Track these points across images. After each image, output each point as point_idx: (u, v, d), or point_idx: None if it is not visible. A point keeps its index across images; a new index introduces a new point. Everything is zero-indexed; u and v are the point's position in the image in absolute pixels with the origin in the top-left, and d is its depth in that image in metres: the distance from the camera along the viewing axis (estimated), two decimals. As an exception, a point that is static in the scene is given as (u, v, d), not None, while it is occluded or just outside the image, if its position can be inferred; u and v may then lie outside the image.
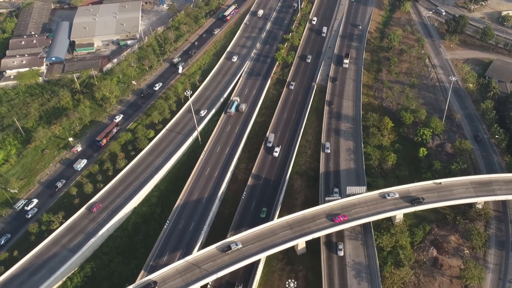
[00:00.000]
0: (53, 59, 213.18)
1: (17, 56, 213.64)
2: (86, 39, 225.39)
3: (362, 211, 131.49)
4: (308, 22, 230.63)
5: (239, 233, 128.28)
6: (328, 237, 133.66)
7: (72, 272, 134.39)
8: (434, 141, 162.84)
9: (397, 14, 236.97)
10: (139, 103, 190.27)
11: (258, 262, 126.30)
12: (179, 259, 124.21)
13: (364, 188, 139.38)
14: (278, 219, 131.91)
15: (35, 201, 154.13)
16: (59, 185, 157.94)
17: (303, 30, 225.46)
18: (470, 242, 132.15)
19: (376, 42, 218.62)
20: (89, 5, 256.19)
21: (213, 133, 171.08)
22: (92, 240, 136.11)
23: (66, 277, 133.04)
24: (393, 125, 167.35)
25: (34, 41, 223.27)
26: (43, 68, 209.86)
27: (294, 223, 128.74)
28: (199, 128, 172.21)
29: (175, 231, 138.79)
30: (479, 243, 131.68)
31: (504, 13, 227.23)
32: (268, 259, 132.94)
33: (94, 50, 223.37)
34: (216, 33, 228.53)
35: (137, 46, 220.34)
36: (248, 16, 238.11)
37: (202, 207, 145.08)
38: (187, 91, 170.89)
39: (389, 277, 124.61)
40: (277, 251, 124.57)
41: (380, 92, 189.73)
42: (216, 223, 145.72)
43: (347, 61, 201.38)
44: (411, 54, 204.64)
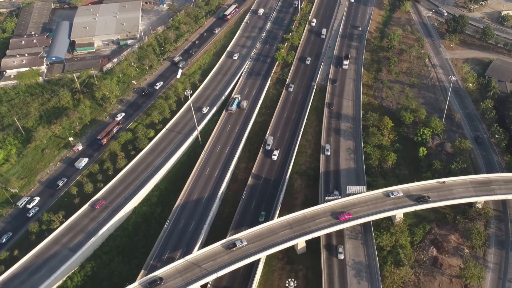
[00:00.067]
0: (53, 58, 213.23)
1: (17, 56, 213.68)
2: (86, 39, 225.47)
3: (363, 210, 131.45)
4: (307, 23, 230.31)
5: (238, 232, 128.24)
6: (328, 240, 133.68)
7: (73, 271, 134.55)
8: (434, 141, 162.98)
9: (397, 14, 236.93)
10: (139, 103, 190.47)
11: (258, 261, 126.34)
12: (179, 259, 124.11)
13: (364, 188, 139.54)
14: (278, 218, 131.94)
15: (37, 199, 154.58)
16: (60, 183, 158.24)
17: (303, 30, 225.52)
18: (470, 241, 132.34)
19: (376, 41, 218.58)
20: (89, 5, 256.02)
21: (213, 132, 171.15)
22: (93, 239, 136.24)
23: (66, 276, 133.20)
24: (393, 124, 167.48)
25: (34, 41, 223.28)
26: (43, 68, 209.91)
27: (294, 223, 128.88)
28: (199, 128, 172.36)
29: (175, 230, 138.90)
30: (479, 242, 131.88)
31: (504, 13, 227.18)
32: (268, 258, 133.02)
33: (94, 50, 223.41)
34: (216, 32, 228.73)
35: (137, 46, 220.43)
36: (249, 15, 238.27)
37: (202, 206, 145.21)
38: (187, 91, 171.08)
39: (389, 277, 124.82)
40: (277, 250, 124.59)
41: (380, 92, 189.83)
42: (216, 222, 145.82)
43: (346, 62, 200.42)
44: (411, 53, 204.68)
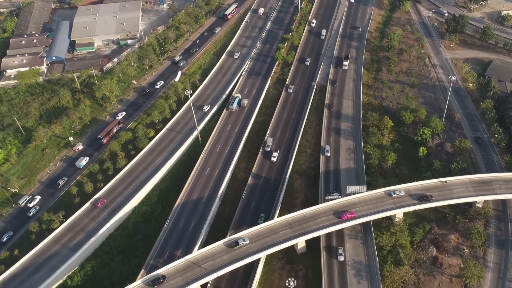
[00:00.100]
0: (54, 58, 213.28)
1: (18, 56, 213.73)
2: (87, 39, 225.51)
3: (364, 209, 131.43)
4: (307, 24, 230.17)
5: (238, 232, 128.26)
6: (328, 240, 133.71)
7: (73, 271, 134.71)
8: (434, 141, 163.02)
9: (397, 14, 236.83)
10: (139, 103, 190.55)
11: (258, 261, 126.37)
12: (179, 258, 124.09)
13: (364, 187, 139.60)
14: (278, 218, 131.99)
15: (38, 197, 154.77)
16: (61, 182, 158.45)
17: (303, 30, 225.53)
18: (470, 241, 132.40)
19: (376, 41, 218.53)
20: (89, 4, 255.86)
21: (213, 132, 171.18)
22: (93, 239, 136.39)
23: (66, 275, 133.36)
24: (393, 124, 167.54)
25: (35, 41, 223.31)
26: (44, 68, 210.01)
27: (294, 222, 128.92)
28: (199, 127, 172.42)
29: (175, 230, 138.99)
30: (478, 242, 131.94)
31: (504, 12, 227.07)
32: (268, 258, 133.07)
33: (95, 50, 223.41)
34: (217, 32, 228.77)
35: (137, 46, 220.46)
36: (249, 15, 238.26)
37: (202, 206, 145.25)
38: (187, 91, 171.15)
39: (389, 276, 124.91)
40: (277, 250, 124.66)
41: (380, 92, 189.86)
42: (216, 222, 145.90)
43: (346, 63, 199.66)
44: (411, 53, 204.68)
